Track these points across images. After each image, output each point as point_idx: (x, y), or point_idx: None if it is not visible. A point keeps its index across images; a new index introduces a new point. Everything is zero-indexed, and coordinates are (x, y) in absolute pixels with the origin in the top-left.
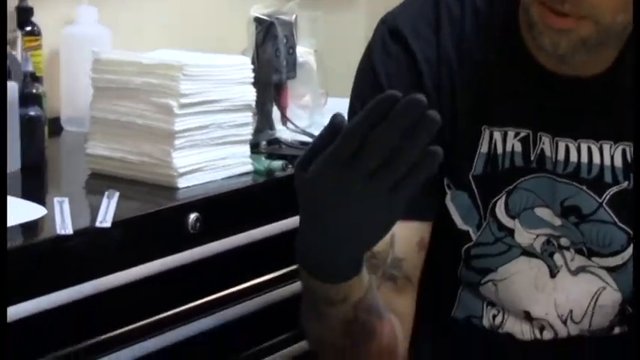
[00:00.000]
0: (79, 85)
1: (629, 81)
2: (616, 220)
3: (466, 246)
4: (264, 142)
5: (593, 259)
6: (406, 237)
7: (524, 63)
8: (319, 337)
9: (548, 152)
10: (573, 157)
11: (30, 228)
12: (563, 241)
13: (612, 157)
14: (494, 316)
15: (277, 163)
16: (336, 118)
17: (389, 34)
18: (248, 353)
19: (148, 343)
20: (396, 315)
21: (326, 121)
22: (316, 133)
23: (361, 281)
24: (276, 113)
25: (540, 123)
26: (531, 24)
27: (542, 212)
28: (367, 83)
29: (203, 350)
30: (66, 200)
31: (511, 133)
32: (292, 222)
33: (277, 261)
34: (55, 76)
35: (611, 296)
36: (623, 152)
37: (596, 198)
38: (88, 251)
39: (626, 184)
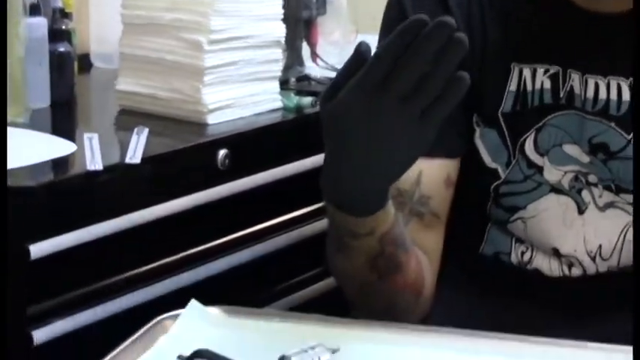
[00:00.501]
0: (108, 21)
1: None
2: None
3: (495, 184)
4: (293, 79)
5: (621, 195)
6: (433, 174)
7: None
8: (345, 272)
9: (577, 89)
10: (602, 95)
11: (60, 164)
12: (591, 178)
13: None
14: (522, 253)
15: (306, 100)
16: (361, 47)
17: None
18: (275, 290)
19: (177, 279)
20: (423, 252)
21: None
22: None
23: (387, 214)
24: (305, 50)
25: (570, 60)
26: None
27: (571, 149)
28: (395, 19)
29: (230, 286)
30: (95, 136)
31: (540, 70)
32: (321, 159)
33: (306, 198)
34: (85, 12)
35: None
36: None
37: (625, 135)
38: (118, 187)
39: None
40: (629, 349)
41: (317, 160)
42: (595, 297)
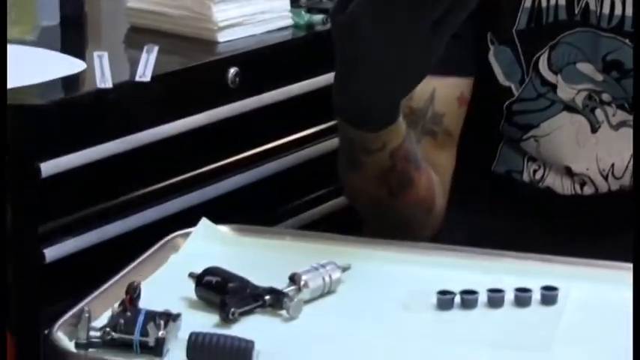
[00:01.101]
0: None
1: None
2: None
3: (508, 102)
4: None
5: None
6: (446, 92)
7: None
8: (357, 189)
9: (592, 5)
10: (618, 10)
11: (70, 82)
12: (605, 97)
13: None
14: (534, 171)
15: (317, 17)
16: None
17: None
18: (287, 208)
19: (188, 197)
20: (435, 169)
21: None
22: None
23: (399, 129)
24: None
25: None
26: None
27: (584, 67)
28: None
29: (241, 205)
30: (105, 54)
31: None
32: (332, 77)
33: (316, 116)
34: None
35: None
36: None
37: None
38: (128, 105)
39: None
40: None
41: (327, 78)
42: (606, 215)
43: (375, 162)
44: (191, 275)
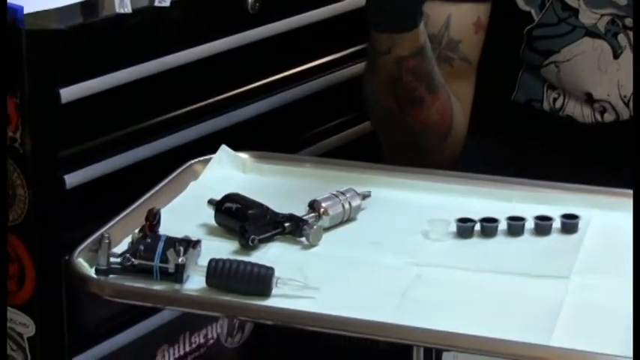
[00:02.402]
0: None
1: None
2: None
3: (528, 27)
4: None
5: None
6: (462, 18)
7: None
8: (372, 95)
9: None
10: None
11: (89, 6)
12: (628, 22)
13: None
14: (554, 100)
15: None
16: None
17: None
18: (307, 135)
19: (209, 124)
20: (454, 95)
21: None
22: None
23: (406, 40)
24: None
25: None
26: None
27: None
28: None
29: (262, 132)
30: None
31: None
32: (353, 2)
33: (339, 41)
34: None
35: None
36: None
37: None
38: (147, 30)
39: None
40: None
41: (348, 3)
42: (628, 142)
43: (382, 66)
44: (210, 202)
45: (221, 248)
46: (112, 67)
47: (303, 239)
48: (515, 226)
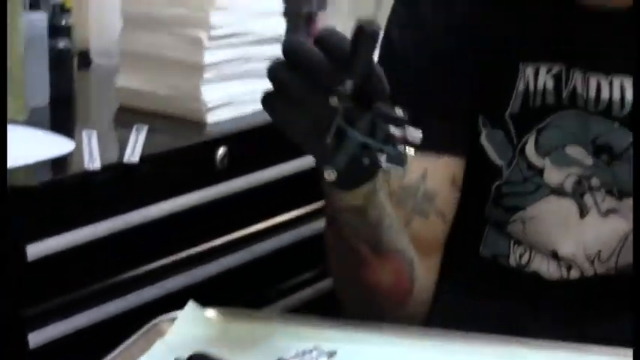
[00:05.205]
0: (108, 17)
1: None
2: None
3: (497, 183)
4: None
5: (624, 200)
6: (439, 172)
7: None
8: (329, 245)
9: (579, 88)
10: (605, 94)
11: (58, 163)
12: (594, 182)
13: None
14: (520, 255)
15: None
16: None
17: None
18: (273, 291)
19: (175, 280)
20: (423, 251)
21: None
22: None
23: (345, 195)
24: None
25: (572, 58)
26: None
27: (574, 150)
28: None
29: (228, 288)
30: (94, 134)
31: (543, 69)
32: None
33: (304, 197)
34: (85, 8)
35: None
36: None
37: (629, 135)
38: (116, 186)
39: None
40: (630, 351)
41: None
42: (593, 299)
43: (326, 216)
44: None
45: None
46: (80, 224)
47: None
48: None
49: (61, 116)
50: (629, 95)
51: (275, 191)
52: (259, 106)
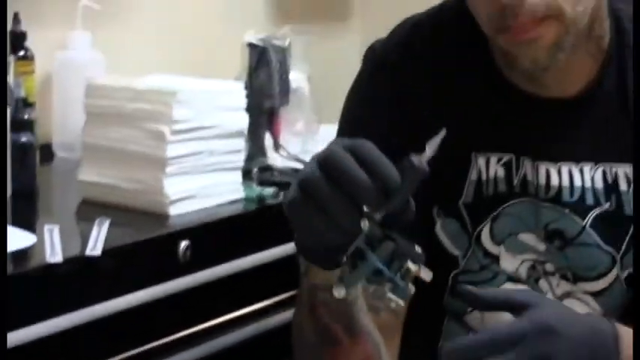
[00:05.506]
0: (71, 111)
1: (605, 101)
2: (600, 242)
3: (454, 273)
4: (255, 169)
5: (579, 284)
6: None
7: (503, 87)
8: (297, 324)
9: (530, 177)
10: (554, 181)
11: (20, 256)
12: (548, 267)
13: (593, 179)
14: None
15: (269, 191)
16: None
17: (375, 63)
18: None
19: None
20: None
21: (318, 149)
22: (308, 160)
23: (322, 272)
24: (268, 140)
25: (521, 147)
26: (505, 53)
27: (527, 237)
28: (353, 111)
29: None
30: (56, 228)
31: (494, 159)
32: (284, 250)
33: (268, 289)
34: (48, 102)
35: None
36: (604, 173)
37: (579, 221)
38: (78, 280)
39: (607, 205)
40: None
41: (279, 251)
42: None
43: (302, 289)
44: None
45: None
46: (41, 317)
47: None
48: None
49: (22, 210)
50: (577, 182)
51: (238, 284)
52: (222, 199)
